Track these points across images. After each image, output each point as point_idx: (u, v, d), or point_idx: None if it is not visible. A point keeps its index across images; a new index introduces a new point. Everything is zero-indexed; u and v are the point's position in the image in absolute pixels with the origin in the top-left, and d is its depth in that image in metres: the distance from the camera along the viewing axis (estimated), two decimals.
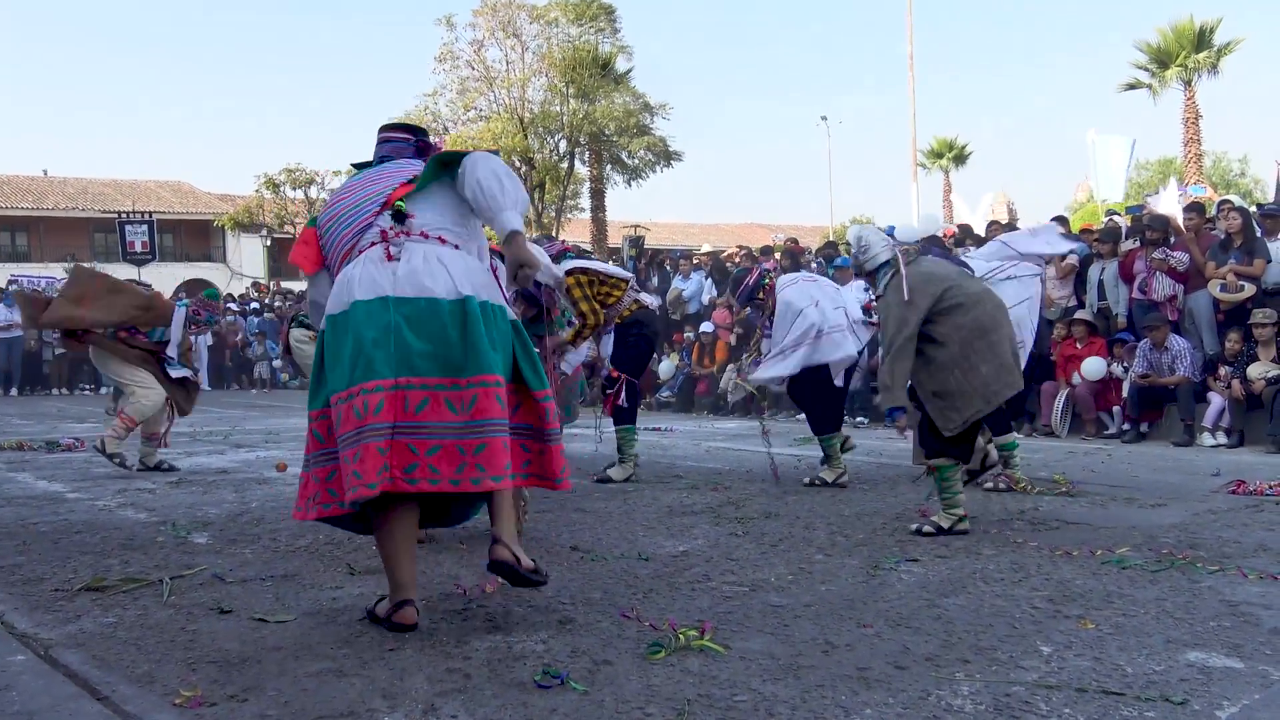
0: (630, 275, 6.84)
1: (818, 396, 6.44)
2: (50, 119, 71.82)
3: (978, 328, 4.72)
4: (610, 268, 6.79)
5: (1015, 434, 6.18)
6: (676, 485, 6.43)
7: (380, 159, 3.52)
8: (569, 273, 6.35)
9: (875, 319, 5.66)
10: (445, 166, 3.30)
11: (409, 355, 2.99)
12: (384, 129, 3.59)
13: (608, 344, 6.64)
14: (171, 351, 7.19)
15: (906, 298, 4.74)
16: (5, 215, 34.72)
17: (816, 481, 6.35)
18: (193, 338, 7.68)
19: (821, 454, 6.53)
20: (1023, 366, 5.14)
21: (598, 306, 6.34)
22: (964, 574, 3.91)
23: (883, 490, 6.16)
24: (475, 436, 2.97)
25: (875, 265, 5.01)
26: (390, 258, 3.09)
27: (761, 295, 6.58)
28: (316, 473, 3.11)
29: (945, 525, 4.75)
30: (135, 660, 2.91)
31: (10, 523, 5.21)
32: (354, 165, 3.66)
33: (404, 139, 3.55)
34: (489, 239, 3.65)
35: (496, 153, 3.44)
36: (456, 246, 3.20)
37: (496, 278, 3.51)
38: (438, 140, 3.70)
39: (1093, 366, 9.44)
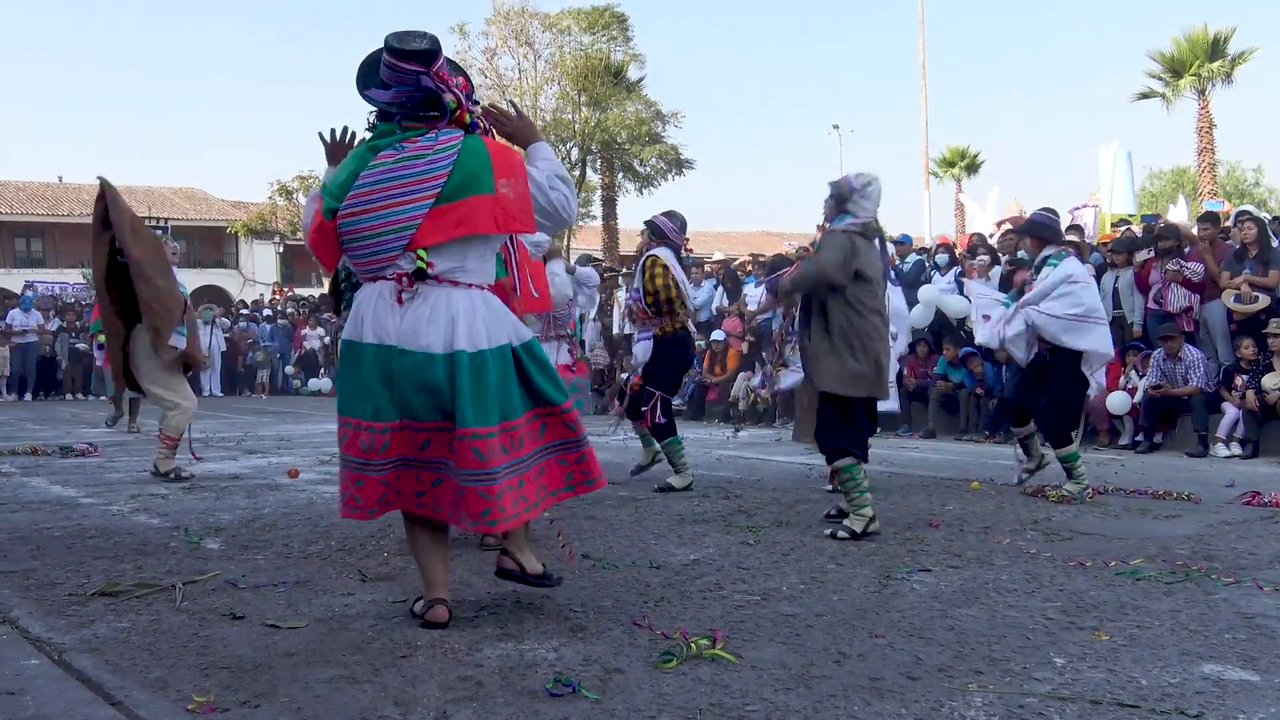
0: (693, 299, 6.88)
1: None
2: (66, 126, 72.35)
3: (882, 320, 4.99)
4: (687, 285, 6.78)
5: (1075, 446, 6.27)
6: (687, 493, 6.43)
7: (387, 108, 3.25)
8: (655, 257, 6.44)
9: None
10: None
11: (409, 404, 3.16)
12: (391, 52, 3.16)
13: (645, 350, 6.60)
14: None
15: (844, 253, 4.88)
16: (21, 221, 34.95)
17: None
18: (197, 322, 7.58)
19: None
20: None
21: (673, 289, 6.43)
22: (976, 584, 3.89)
23: (895, 499, 6.14)
24: (460, 483, 3.13)
25: (841, 218, 5.06)
26: (401, 303, 3.17)
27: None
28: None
29: (858, 529, 4.81)
30: (148, 666, 2.92)
31: (24, 527, 5.23)
32: (371, 118, 3.33)
33: (411, 72, 3.15)
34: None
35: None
36: (470, 285, 3.22)
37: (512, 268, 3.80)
38: (458, 80, 3.28)
39: (1118, 401, 9.39)
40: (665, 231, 6.59)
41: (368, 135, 3.37)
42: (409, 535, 3.39)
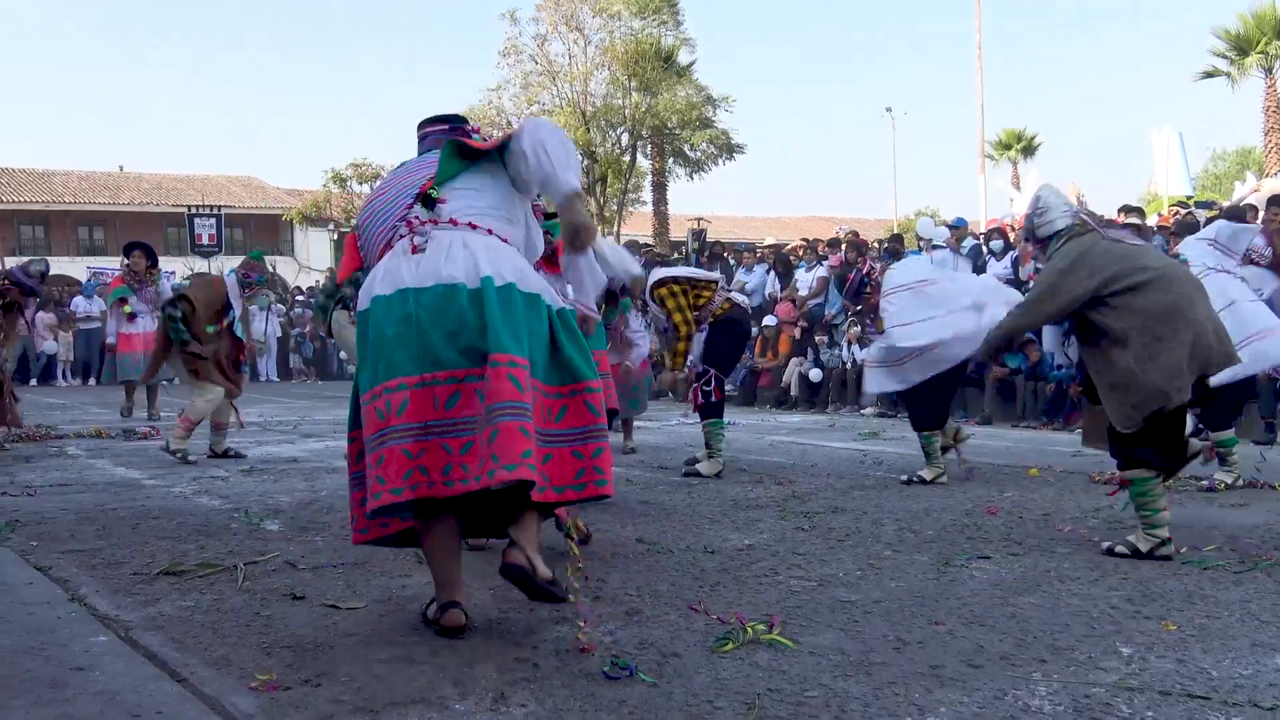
0: (719, 276, 6.91)
1: (921, 392, 6.16)
2: (126, 115, 73.83)
3: (1164, 310, 4.04)
4: (698, 271, 6.95)
5: (1233, 430, 5.96)
6: (740, 479, 6.40)
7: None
8: (660, 284, 6.40)
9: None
10: (478, 153, 3.14)
11: (432, 348, 2.79)
12: (423, 124, 3.40)
13: (698, 343, 6.60)
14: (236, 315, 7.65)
15: (1066, 265, 4.21)
16: (84, 210, 35.73)
17: (914, 480, 6.11)
18: (252, 309, 8.06)
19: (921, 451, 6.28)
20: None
21: (690, 315, 6.40)
22: (1038, 572, 3.82)
23: (951, 486, 6.05)
24: (489, 424, 2.70)
25: (1050, 232, 4.40)
26: (415, 249, 2.90)
27: (868, 290, 6.55)
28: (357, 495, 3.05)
29: (1144, 548, 4.08)
30: (212, 643, 2.96)
31: (90, 508, 5.35)
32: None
33: (443, 130, 3.34)
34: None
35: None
36: (490, 232, 2.98)
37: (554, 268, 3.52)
38: (474, 126, 3.49)
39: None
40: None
41: None
42: (424, 541, 2.99)
